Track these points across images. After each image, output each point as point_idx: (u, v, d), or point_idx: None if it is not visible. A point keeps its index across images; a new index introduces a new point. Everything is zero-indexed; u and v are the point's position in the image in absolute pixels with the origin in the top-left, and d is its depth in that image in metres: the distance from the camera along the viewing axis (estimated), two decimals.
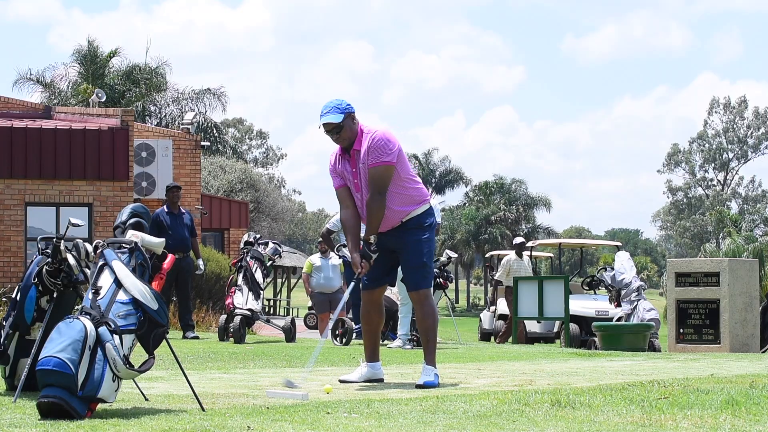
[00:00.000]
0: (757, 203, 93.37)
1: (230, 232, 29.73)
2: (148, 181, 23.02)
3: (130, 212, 5.86)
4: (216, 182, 49.70)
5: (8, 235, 19.69)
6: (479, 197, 77.96)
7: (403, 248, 7.41)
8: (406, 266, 7.43)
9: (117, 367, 5.29)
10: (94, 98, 25.13)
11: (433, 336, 7.48)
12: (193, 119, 29.81)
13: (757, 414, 5.39)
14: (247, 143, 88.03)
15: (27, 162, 19.89)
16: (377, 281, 7.50)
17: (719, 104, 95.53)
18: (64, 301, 6.30)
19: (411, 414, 5.39)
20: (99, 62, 41.41)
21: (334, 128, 7.24)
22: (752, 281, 15.16)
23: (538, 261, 43.56)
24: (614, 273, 17.65)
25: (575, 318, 21.35)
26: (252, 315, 14.06)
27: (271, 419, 5.14)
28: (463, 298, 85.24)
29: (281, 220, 60.32)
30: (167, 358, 7.94)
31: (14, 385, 6.36)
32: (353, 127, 7.28)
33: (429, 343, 7.42)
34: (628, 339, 14.82)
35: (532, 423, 5.09)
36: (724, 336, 14.49)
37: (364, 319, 7.64)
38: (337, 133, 7.25)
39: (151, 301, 5.47)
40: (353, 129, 7.27)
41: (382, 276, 7.51)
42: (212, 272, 20.94)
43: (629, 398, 6.07)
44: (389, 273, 7.55)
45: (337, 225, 14.47)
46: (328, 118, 7.22)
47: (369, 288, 7.53)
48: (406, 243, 7.39)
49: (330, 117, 7.22)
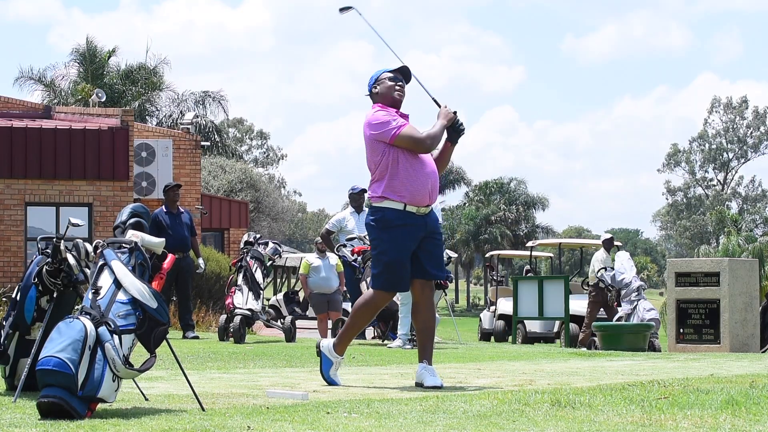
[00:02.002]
0: (757, 203, 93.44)
1: (230, 232, 29.73)
2: (148, 181, 23.02)
3: (130, 212, 5.86)
4: (216, 182, 49.70)
5: (8, 235, 19.69)
6: (479, 197, 77.98)
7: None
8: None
9: (116, 367, 5.29)
10: (94, 98, 25.14)
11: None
12: (193, 119, 29.80)
13: (757, 414, 5.39)
14: (247, 143, 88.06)
15: (27, 162, 19.90)
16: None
17: (719, 104, 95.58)
18: (64, 301, 6.30)
19: (411, 414, 5.39)
20: (98, 62, 41.42)
21: (407, 79, 7.53)
22: (752, 281, 15.17)
23: (538, 261, 43.53)
24: (614, 273, 17.66)
25: (575, 318, 21.38)
26: (252, 315, 14.07)
27: (271, 419, 5.14)
28: (463, 298, 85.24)
29: (281, 220, 60.34)
30: (167, 358, 7.94)
31: (14, 385, 6.36)
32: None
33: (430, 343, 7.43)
34: (628, 339, 14.83)
35: (532, 423, 5.09)
36: (724, 336, 14.50)
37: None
38: (407, 83, 7.52)
39: (150, 299, 5.47)
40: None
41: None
42: (212, 272, 20.95)
43: (629, 398, 6.07)
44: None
45: (337, 225, 14.47)
46: (407, 70, 7.55)
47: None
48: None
49: (407, 71, 7.56)
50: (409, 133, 7.25)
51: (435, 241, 7.43)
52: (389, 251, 7.27)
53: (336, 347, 7.44)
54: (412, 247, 7.31)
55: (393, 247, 7.26)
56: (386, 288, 7.36)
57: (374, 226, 7.35)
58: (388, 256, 7.27)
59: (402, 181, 7.25)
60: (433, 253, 7.40)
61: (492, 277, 32.77)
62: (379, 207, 7.31)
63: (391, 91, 7.43)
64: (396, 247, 7.26)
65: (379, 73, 7.53)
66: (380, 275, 7.34)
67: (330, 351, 7.44)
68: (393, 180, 7.26)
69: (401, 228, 7.25)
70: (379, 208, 7.31)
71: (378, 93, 7.47)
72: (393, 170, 7.26)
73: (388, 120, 7.27)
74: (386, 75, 7.49)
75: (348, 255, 13.64)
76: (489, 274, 38.60)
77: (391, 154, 7.26)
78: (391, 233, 7.27)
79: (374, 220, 7.35)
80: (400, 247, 7.26)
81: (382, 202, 7.30)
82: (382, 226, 7.29)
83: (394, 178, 7.26)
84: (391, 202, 7.27)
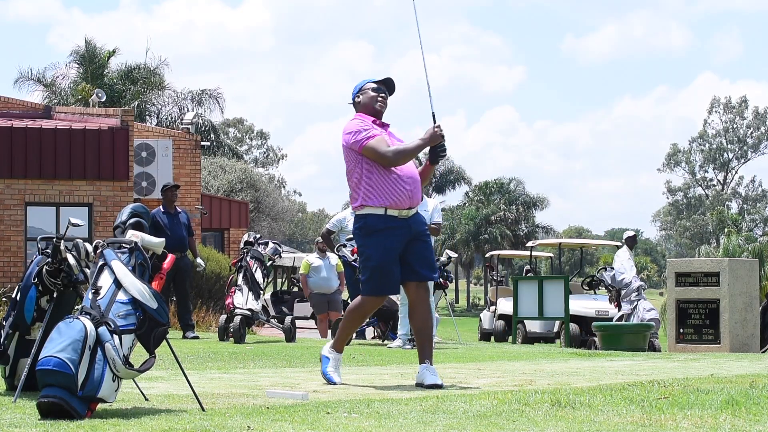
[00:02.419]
0: (757, 203, 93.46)
1: (230, 232, 29.72)
2: (148, 181, 23.02)
3: (130, 212, 5.86)
4: (216, 182, 49.70)
5: (8, 235, 19.69)
6: (479, 197, 77.97)
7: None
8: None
9: (116, 367, 5.29)
10: (94, 98, 25.14)
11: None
12: (193, 119, 29.81)
13: (757, 414, 5.39)
14: (247, 143, 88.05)
15: (27, 162, 19.90)
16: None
17: (719, 104, 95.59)
18: (64, 301, 6.30)
19: (411, 414, 5.39)
20: (98, 62, 41.40)
21: (391, 91, 7.58)
22: (752, 281, 15.17)
23: (538, 261, 43.54)
24: (614, 273, 17.66)
25: (575, 318, 21.38)
26: (252, 315, 14.06)
27: (271, 419, 5.14)
28: (463, 298, 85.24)
29: (281, 220, 60.35)
30: (167, 358, 7.94)
31: (14, 385, 6.36)
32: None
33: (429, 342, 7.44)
34: (628, 339, 14.83)
35: (532, 423, 5.09)
36: (724, 336, 14.50)
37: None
38: (390, 95, 7.58)
39: (150, 300, 5.47)
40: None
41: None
42: (212, 272, 20.95)
43: (629, 398, 6.07)
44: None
45: (337, 225, 14.46)
46: (391, 82, 7.60)
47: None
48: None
49: (392, 83, 7.62)
50: (374, 145, 7.28)
51: (423, 243, 7.46)
52: (374, 256, 7.34)
53: (333, 347, 7.56)
54: (398, 249, 7.35)
55: (378, 251, 7.32)
56: (375, 293, 7.44)
57: (359, 233, 7.44)
58: (374, 261, 7.33)
59: (378, 188, 7.30)
60: (422, 254, 7.43)
61: (492, 277, 32.76)
62: (361, 214, 7.39)
63: (373, 101, 7.49)
64: (381, 252, 7.31)
65: (364, 82, 7.60)
66: (368, 281, 7.42)
67: (329, 350, 7.53)
68: (369, 187, 7.32)
69: (384, 232, 7.31)
70: (361, 216, 7.39)
71: (360, 102, 7.54)
72: (368, 177, 7.33)
73: (359, 129, 7.33)
74: (370, 85, 7.55)
75: (348, 255, 13.64)
76: (489, 274, 38.58)
77: (364, 162, 7.32)
78: (375, 238, 7.32)
79: (358, 228, 7.43)
80: (385, 250, 7.31)
81: (363, 210, 7.37)
82: (365, 233, 7.36)
83: (370, 186, 7.32)
84: (371, 208, 7.33)
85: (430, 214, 12.96)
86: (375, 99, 7.48)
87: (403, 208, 7.33)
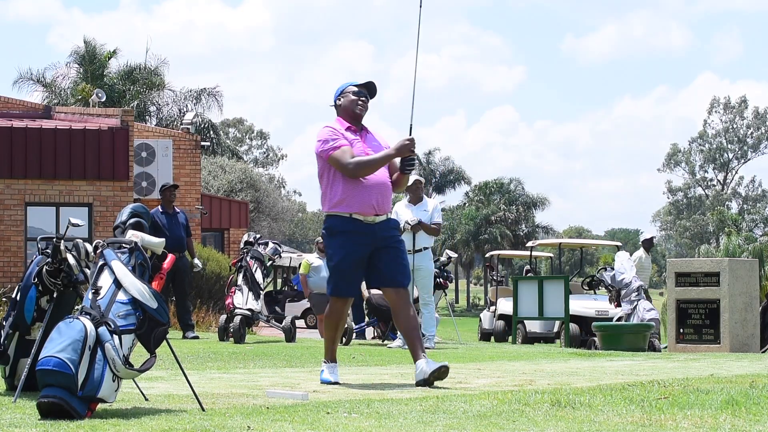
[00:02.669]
0: (757, 203, 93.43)
1: (230, 232, 29.73)
2: (148, 181, 23.02)
3: (130, 212, 5.86)
4: (216, 182, 49.70)
5: (8, 235, 19.69)
6: (479, 197, 77.97)
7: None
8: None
9: (116, 367, 5.29)
10: (94, 98, 25.15)
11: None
12: (193, 119, 29.81)
13: (757, 414, 5.39)
14: (247, 143, 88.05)
15: (27, 162, 19.90)
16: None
17: (719, 104, 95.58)
18: (64, 301, 6.30)
19: (411, 414, 5.39)
20: (98, 62, 41.40)
21: (372, 95, 7.57)
22: (752, 281, 15.16)
23: (538, 261, 43.56)
24: (614, 273, 17.64)
25: (575, 318, 21.37)
26: (252, 315, 14.07)
27: (271, 419, 5.14)
28: (463, 298, 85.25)
29: (281, 220, 60.35)
30: (167, 358, 7.94)
31: (14, 385, 6.36)
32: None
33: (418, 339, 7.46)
34: (628, 339, 14.83)
35: (532, 423, 5.09)
36: (724, 336, 14.49)
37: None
38: (370, 99, 7.57)
39: (150, 300, 5.47)
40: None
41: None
42: (212, 272, 20.95)
43: (629, 398, 6.07)
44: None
45: None
46: (372, 86, 7.59)
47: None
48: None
49: (373, 86, 7.60)
50: (337, 156, 7.32)
51: (395, 250, 7.50)
52: (335, 256, 7.44)
53: (324, 359, 7.61)
54: (361, 253, 7.40)
55: (338, 252, 7.41)
56: (335, 293, 7.54)
57: (324, 234, 7.57)
58: (334, 261, 7.46)
59: (343, 195, 7.36)
60: (395, 261, 7.48)
61: (492, 277, 32.76)
62: (328, 215, 7.49)
63: (353, 105, 7.51)
64: (341, 253, 7.40)
65: (345, 85, 7.62)
66: (329, 281, 7.57)
67: (322, 363, 7.61)
68: (334, 194, 7.39)
69: (347, 234, 7.38)
70: (328, 216, 7.49)
71: (341, 106, 7.57)
72: (335, 185, 7.39)
73: (327, 138, 7.39)
74: (351, 89, 7.57)
75: None
76: (489, 274, 38.58)
77: (332, 169, 7.37)
78: (338, 239, 7.41)
79: (324, 229, 7.56)
80: (347, 252, 7.38)
81: (330, 212, 7.46)
82: (329, 234, 7.47)
83: (335, 192, 7.38)
84: (336, 212, 7.42)
85: (430, 214, 12.97)
86: (355, 102, 7.50)
87: (369, 215, 7.39)
